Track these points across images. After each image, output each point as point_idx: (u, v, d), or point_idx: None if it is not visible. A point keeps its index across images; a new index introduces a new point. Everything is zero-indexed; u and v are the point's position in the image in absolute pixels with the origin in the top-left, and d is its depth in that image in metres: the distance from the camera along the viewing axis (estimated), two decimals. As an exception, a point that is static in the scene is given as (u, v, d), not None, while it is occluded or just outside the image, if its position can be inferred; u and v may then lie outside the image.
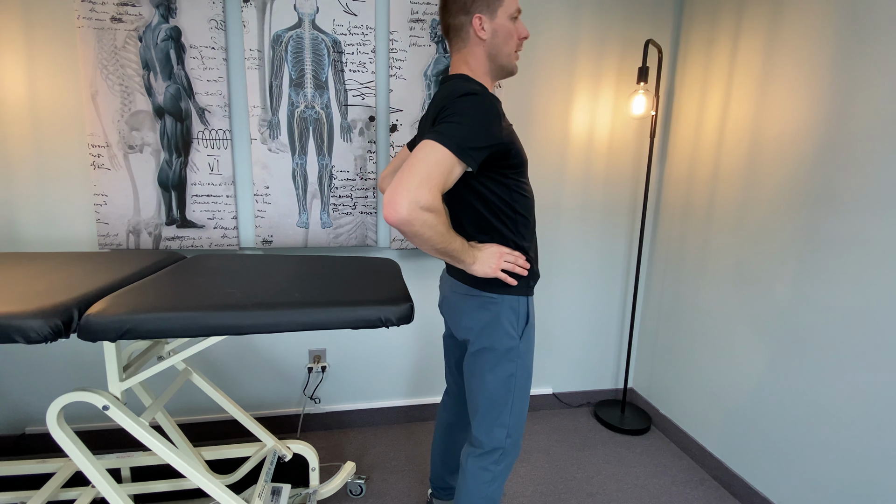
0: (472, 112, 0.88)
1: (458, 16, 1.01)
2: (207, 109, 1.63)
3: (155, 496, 1.46)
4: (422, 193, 0.81)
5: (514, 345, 1.05)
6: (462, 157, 0.85)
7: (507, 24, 1.01)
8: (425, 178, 0.81)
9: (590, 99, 1.97)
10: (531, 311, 1.09)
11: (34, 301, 0.80)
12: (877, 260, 1.20)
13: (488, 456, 1.11)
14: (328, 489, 1.48)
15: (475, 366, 1.09)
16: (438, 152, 0.84)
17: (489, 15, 0.99)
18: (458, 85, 0.96)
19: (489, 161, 0.95)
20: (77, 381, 1.75)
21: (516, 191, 1.02)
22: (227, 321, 0.83)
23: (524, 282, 1.06)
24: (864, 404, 1.23)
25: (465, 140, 0.86)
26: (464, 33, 1.02)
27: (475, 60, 1.03)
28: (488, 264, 0.98)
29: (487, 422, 1.09)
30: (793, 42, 1.44)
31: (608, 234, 2.12)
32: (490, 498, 1.13)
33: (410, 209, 0.80)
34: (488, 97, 0.91)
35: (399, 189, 0.80)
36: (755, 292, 1.57)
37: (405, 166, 0.83)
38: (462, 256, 0.95)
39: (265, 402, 1.93)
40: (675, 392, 1.99)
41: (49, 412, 0.92)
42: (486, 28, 1.00)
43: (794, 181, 1.43)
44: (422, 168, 0.82)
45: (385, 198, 0.81)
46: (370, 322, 0.88)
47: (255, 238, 1.77)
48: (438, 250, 0.90)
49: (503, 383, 1.07)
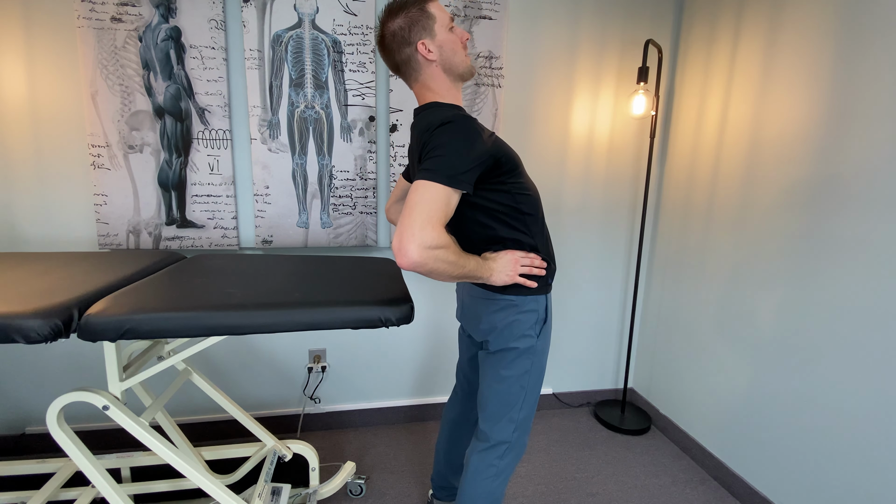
0: (451, 141, 0.90)
1: (402, 50, 1.01)
2: (207, 109, 1.63)
3: (155, 496, 1.46)
4: (427, 234, 0.84)
5: (532, 343, 1.07)
6: (454, 185, 0.88)
7: (447, 37, 1.02)
8: (426, 218, 0.85)
9: (590, 99, 1.97)
10: (549, 309, 1.11)
11: (34, 301, 0.80)
12: (877, 259, 1.20)
13: (493, 450, 1.12)
14: (328, 489, 1.48)
15: (492, 363, 1.10)
16: (432, 190, 0.86)
17: (429, 37, 1.00)
18: (432, 117, 0.98)
19: (483, 175, 0.96)
20: (77, 381, 1.75)
21: (518, 192, 1.03)
22: (226, 321, 0.83)
23: (542, 280, 1.07)
24: (865, 404, 1.23)
25: (453, 169, 0.88)
26: (413, 63, 1.02)
27: (434, 82, 1.04)
28: (506, 273, 1.00)
29: (497, 416, 1.11)
30: (793, 42, 1.44)
31: (608, 234, 2.12)
32: (493, 494, 1.13)
33: (420, 252, 0.83)
34: (463, 121, 0.93)
35: (405, 236, 0.83)
36: (755, 292, 1.57)
37: (405, 211, 0.86)
38: (479, 273, 0.97)
39: (265, 402, 1.93)
40: (675, 392, 1.99)
41: (49, 412, 0.92)
42: (432, 49, 1.01)
43: (794, 181, 1.43)
44: (422, 210, 0.85)
45: (394, 246, 0.85)
46: (370, 322, 0.88)
47: (255, 238, 1.77)
48: (456, 277, 0.93)
49: (518, 380, 1.08)
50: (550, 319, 1.12)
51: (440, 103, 1.04)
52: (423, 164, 0.90)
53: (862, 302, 1.23)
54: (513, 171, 1.02)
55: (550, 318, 1.11)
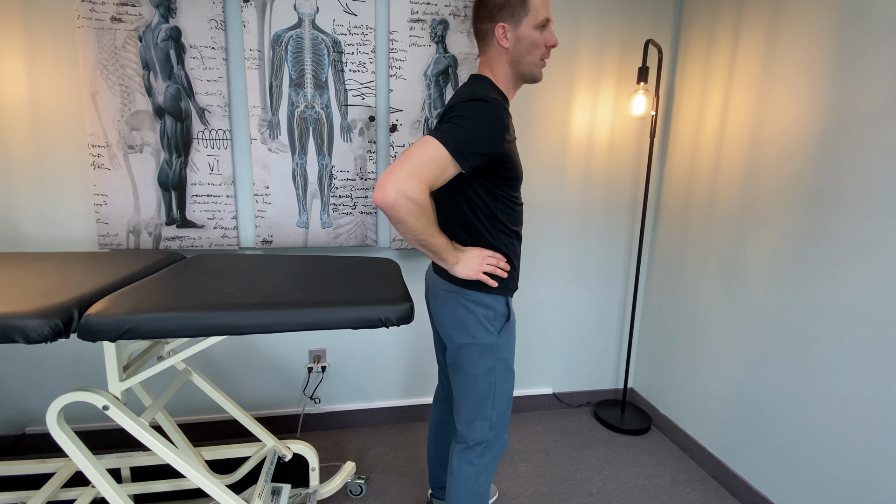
0: (476, 117, 0.90)
1: (485, 22, 1.02)
2: (207, 109, 1.63)
3: (155, 496, 1.46)
4: (411, 185, 0.84)
5: (493, 340, 1.07)
6: (458, 158, 0.88)
7: (531, 34, 1.01)
8: (417, 169, 0.85)
9: (590, 99, 1.97)
10: (510, 310, 1.11)
11: (34, 301, 0.80)
12: (877, 259, 1.20)
13: (472, 450, 1.13)
14: (328, 489, 1.48)
15: (456, 361, 1.11)
16: (435, 149, 0.86)
17: (513, 24, 1.00)
18: (473, 87, 0.99)
19: (483, 168, 0.96)
20: (77, 381, 1.75)
21: (502, 200, 1.04)
22: (226, 321, 0.83)
23: (503, 283, 1.07)
24: (865, 404, 1.23)
25: (464, 143, 0.88)
26: (489, 39, 1.03)
27: (498, 67, 1.05)
28: (471, 266, 1.01)
29: (470, 416, 1.11)
30: (793, 42, 1.43)
31: (608, 235, 2.12)
32: (477, 493, 1.14)
33: (397, 196, 0.83)
34: (497, 107, 0.92)
35: (391, 176, 0.84)
36: (755, 292, 1.57)
37: (401, 155, 0.87)
38: (445, 255, 0.98)
39: (265, 401, 1.93)
40: (675, 392, 1.99)
41: (49, 412, 0.92)
42: (510, 37, 1.01)
43: (794, 181, 1.43)
44: (416, 160, 0.85)
45: (378, 180, 0.86)
46: (370, 322, 0.88)
47: (255, 238, 1.77)
48: (421, 241, 0.93)
49: (483, 377, 1.09)
50: (513, 319, 1.12)
51: (490, 81, 1.04)
52: (440, 125, 0.91)
53: (862, 301, 1.23)
54: (510, 181, 1.02)
55: (513, 318, 1.12)
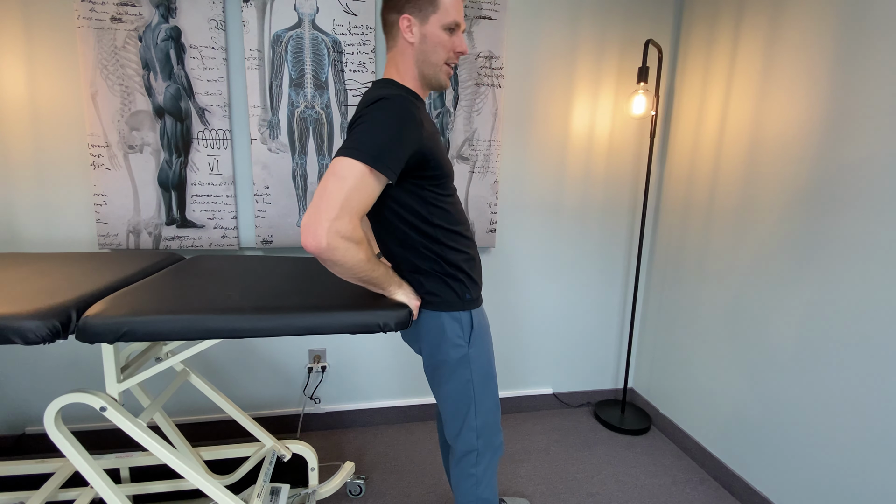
0: (385, 118, 0.83)
1: (391, 12, 0.95)
2: (207, 109, 1.63)
3: (154, 496, 1.46)
4: (342, 222, 0.78)
5: (464, 353, 1.03)
6: (379, 168, 0.81)
7: (438, 34, 0.94)
8: (343, 202, 0.78)
9: (590, 99, 1.96)
10: (475, 319, 1.05)
11: (32, 302, 0.80)
12: (877, 259, 1.19)
13: (465, 460, 1.11)
14: (327, 489, 1.48)
15: (433, 378, 1.09)
16: (353, 170, 0.79)
17: (419, 19, 0.93)
18: (374, 91, 0.92)
19: (406, 172, 0.89)
20: (77, 381, 1.76)
21: (433, 203, 0.96)
22: (224, 325, 0.83)
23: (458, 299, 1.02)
24: (865, 404, 1.23)
25: (380, 149, 0.81)
26: (394, 31, 0.96)
27: (404, 64, 0.97)
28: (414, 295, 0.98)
29: (456, 428, 1.09)
30: (793, 42, 1.43)
31: (608, 234, 2.11)
32: (483, 499, 1.13)
33: (330, 238, 0.77)
34: (404, 101, 0.86)
35: (317, 216, 0.77)
36: (755, 292, 1.57)
37: (319, 188, 0.79)
38: (385, 284, 0.93)
39: (265, 402, 1.93)
40: (675, 392, 1.98)
41: (47, 413, 0.92)
42: (415, 32, 0.94)
43: (794, 181, 1.42)
44: (338, 192, 0.78)
45: (303, 223, 0.78)
46: (369, 327, 0.88)
47: (255, 238, 1.77)
48: (361, 279, 0.88)
49: (461, 390, 1.06)
50: (482, 324, 1.06)
51: (395, 82, 0.97)
52: (347, 140, 0.82)
53: (862, 301, 1.23)
54: (438, 180, 0.95)
55: (480, 326, 1.05)
